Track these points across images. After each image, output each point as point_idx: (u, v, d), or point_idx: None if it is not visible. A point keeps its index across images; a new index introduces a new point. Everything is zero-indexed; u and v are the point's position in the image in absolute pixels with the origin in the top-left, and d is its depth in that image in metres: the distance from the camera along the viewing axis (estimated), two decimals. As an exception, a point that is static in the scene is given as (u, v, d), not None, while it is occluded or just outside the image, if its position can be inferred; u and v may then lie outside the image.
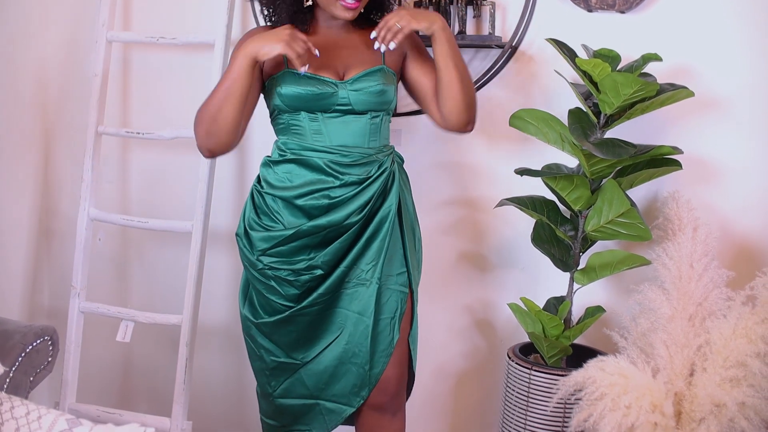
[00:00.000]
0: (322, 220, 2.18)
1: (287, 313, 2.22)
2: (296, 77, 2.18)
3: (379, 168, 2.22)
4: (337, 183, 2.19)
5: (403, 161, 2.38)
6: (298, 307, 2.21)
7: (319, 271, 2.19)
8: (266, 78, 2.25)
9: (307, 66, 2.13)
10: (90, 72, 2.97)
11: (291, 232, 2.18)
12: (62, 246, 3.18)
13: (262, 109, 2.65)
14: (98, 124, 2.91)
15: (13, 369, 2.18)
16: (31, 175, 3.11)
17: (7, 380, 2.16)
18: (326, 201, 2.19)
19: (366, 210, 2.20)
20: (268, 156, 2.30)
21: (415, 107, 2.72)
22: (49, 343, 2.27)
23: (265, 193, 2.25)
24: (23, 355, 2.20)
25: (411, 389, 2.38)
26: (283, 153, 2.25)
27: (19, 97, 3.01)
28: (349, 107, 2.19)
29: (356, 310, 2.21)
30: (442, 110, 2.25)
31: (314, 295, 2.21)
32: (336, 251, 2.19)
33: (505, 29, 2.65)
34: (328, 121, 2.20)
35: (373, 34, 2.17)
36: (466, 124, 2.26)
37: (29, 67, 3.03)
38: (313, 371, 2.26)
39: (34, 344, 2.22)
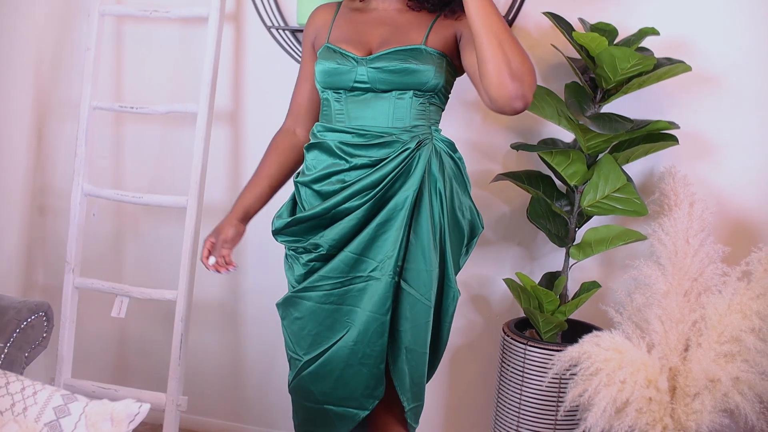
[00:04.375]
0: (326, 203, 2.08)
1: (291, 293, 2.15)
2: (326, 51, 2.13)
3: (398, 149, 2.05)
4: (347, 166, 2.07)
5: (451, 146, 2.13)
6: (301, 287, 2.12)
7: (321, 249, 2.09)
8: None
9: (213, 260, 2.29)
10: (82, 46, 2.95)
11: (307, 214, 2.10)
12: (56, 221, 3.16)
13: (256, 85, 2.61)
14: (91, 99, 2.89)
15: (8, 345, 2.18)
16: (24, 150, 3.09)
17: (2, 356, 2.16)
18: (339, 186, 2.07)
19: (374, 193, 2.04)
20: None
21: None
22: (44, 318, 2.27)
23: (297, 182, 2.18)
24: (18, 330, 2.19)
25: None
26: (312, 137, 2.18)
27: (10, 71, 2.98)
28: (368, 86, 2.08)
29: (368, 308, 2.05)
30: (483, 84, 1.92)
31: (316, 276, 2.09)
32: (340, 232, 2.06)
33: (501, 2, 2.63)
34: (351, 101, 2.11)
35: None
36: (510, 97, 1.88)
37: (21, 41, 3.00)
38: (315, 374, 2.12)
39: (29, 320, 2.22)
